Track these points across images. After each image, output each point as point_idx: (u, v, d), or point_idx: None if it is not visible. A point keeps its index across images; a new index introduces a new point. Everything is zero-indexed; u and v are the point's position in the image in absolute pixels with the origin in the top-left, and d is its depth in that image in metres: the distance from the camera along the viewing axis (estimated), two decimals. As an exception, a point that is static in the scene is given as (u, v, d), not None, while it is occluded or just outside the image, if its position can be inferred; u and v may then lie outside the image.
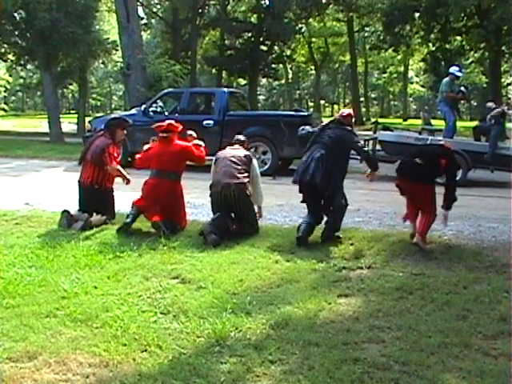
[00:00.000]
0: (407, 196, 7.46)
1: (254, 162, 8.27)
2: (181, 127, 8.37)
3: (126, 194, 8.78)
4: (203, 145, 8.54)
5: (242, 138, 8.58)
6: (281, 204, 9.89)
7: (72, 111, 64.07)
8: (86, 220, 8.19)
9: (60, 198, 10.07)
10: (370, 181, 8.13)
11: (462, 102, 18.69)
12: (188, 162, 8.38)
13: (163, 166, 8.05)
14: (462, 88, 15.11)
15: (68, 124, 33.94)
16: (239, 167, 7.88)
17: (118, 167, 8.53)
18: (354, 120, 7.95)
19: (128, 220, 7.90)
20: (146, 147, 8.48)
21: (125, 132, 8.92)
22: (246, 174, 7.88)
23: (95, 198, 8.50)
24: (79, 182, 8.64)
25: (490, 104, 15.82)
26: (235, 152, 8.15)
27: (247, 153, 8.23)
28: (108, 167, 8.43)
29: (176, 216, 8.08)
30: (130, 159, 11.03)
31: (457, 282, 5.87)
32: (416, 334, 4.62)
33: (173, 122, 8.42)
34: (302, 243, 7.26)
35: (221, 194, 7.74)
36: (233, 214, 7.87)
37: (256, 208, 8.22)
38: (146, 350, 4.36)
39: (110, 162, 8.41)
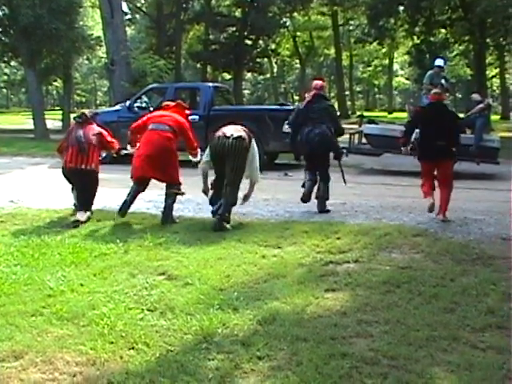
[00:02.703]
0: (430, 174, 8.35)
1: (253, 143, 8.36)
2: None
3: (111, 191, 8.72)
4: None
5: None
6: (267, 198, 9.87)
7: (57, 107, 63.65)
8: (76, 224, 8.10)
9: (45, 196, 9.99)
10: None
11: (448, 94, 18.59)
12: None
13: (160, 121, 8.44)
14: (443, 81, 15.04)
15: (53, 121, 33.67)
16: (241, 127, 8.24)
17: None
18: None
19: (125, 206, 8.18)
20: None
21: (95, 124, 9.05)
22: (246, 134, 8.10)
23: (91, 180, 8.52)
24: (74, 167, 8.43)
25: (474, 96, 15.88)
26: None
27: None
28: (114, 149, 9.05)
29: (174, 173, 8.45)
30: (115, 155, 10.92)
31: (444, 274, 5.87)
32: (404, 328, 4.61)
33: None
34: (306, 200, 8.73)
35: (219, 143, 8.00)
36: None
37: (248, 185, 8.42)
38: (133, 348, 4.32)
39: (113, 143, 8.93)
